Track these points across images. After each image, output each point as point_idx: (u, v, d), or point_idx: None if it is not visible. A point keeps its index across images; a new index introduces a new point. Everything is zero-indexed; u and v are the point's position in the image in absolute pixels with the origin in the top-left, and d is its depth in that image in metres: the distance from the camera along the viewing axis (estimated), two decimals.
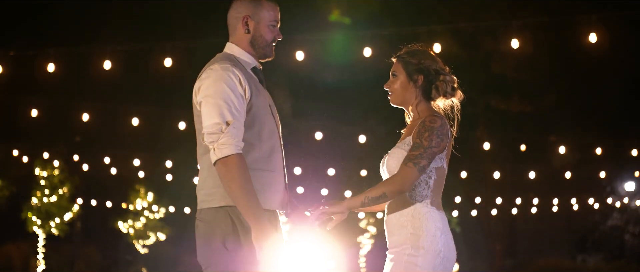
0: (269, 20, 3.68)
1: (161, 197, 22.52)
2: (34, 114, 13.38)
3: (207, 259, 3.52)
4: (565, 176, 20.16)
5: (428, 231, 3.56)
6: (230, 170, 3.38)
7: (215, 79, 3.48)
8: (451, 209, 23.21)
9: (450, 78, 3.76)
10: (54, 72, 10.76)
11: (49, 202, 19.46)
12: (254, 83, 3.59)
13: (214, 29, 19.85)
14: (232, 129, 3.40)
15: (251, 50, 3.69)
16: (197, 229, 3.59)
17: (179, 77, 14.41)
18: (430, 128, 3.55)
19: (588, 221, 25.54)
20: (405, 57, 3.74)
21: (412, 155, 3.52)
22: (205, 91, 3.48)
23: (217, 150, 3.40)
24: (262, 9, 3.67)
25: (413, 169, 3.50)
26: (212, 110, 3.43)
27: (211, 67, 3.55)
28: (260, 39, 3.68)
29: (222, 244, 3.47)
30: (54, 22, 20.24)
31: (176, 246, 22.87)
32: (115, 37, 18.39)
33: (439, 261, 3.55)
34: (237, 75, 3.50)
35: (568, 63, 19.89)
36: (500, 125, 21.89)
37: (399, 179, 3.50)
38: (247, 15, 3.67)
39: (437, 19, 19.31)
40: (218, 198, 3.49)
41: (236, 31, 3.72)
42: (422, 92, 3.73)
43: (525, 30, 10.51)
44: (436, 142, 3.55)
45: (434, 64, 3.72)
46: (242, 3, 3.70)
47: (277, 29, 3.72)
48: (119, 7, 20.54)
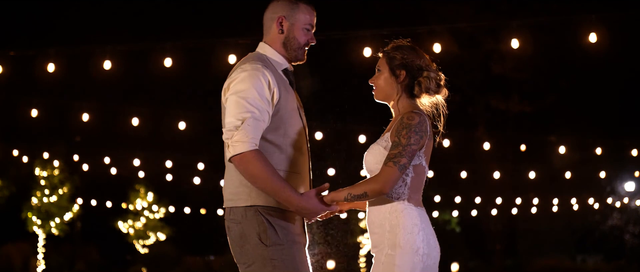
0: (304, 23, 3.67)
1: (161, 197, 22.52)
2: (34, 114, 13.37)
3: (247, 257, 3.52)
4: (565, 176, 20.16)
5: (405, 228, 3.50)
6: (248, 167, 3.39)
7: (243, 79, 3.47)
8: (451, 209, 23.22)
9: (435, 75, 3.66)
10: (54, 72, 10.76)
11: (49, 202, 19.46)
12: (283, 85, 3.58)
13: (215, 29, 19.87)
14: (246, 125, 3.39)
15: (283, 51, 3.67)
16: (229, 231, 3.59)
17: (179, 77, 14.44)
18: (408, 125, 3.48)
19: (588, 221, 25.53)
20: (389, 51, 3.68)
21: (392, 154, 3.46)
22: (232, 89, 3.47)
23: (231, 147, 3.41)
24: (299, 11, 3.66)
25: (394, 169, 3.44)
26: (233, 109, 3.43)
27: (242, 67, 3.52)
28: (294, 40, 3.67)
29: (258, 240, 3.48)
30: (54, 22, 20.24)
31: (176, 246, 22.87)
32: (115, 37, 18.40)
33: (419, 259, 3.49)
34: (267, 77, 3.48)
35: (568, 63, 19.90)
36: (500, 125, 21.90)
37: (380, 179, 3.45)
38: (283, 16, 3.65)
39: (437, 19, 19.31)
40: (244, 197, 3.51)
41: (270, 31, 3.69)
42: (405, 88, 3.66)
43: (525, 30, 10.50)
44: (415, 139, 3.47)
45: (418, 60, 3.64)
46: (279, 4, 3.68)
47: (311, 33, 3.71)
48: (119, 7, 20.54)
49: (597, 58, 16.97)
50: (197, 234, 23.26)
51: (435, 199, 21.64)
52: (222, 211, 3.79)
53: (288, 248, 3.50)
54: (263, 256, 3.47)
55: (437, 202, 21.93)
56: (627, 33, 16.19)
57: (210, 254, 23.72)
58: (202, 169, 18.94)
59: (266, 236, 3.48)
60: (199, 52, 13.03)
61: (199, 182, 19.40)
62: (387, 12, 19.77)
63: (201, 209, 23.21)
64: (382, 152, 3.56)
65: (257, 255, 3.48)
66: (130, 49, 12.01)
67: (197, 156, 18.89)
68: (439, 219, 23.95)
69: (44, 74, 10.89)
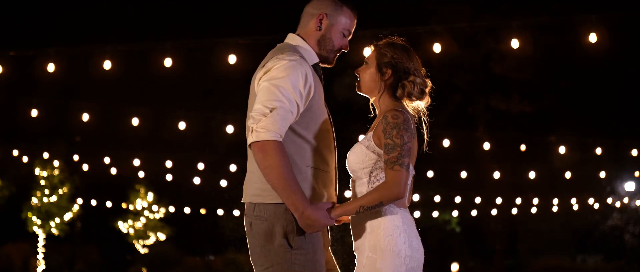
0: (343, 27, 3.60)
1: (161, 197, 22.52)
2: (34, 114, 13.36)
3: (266, 258, 3.37)
4: (565, 176, 20.15)
5: (386, 230, 3.40)
6: (266, 157, 3.23)
7: (280, 68, 3.35)
8: (451, 209, 23.21)
9: (421, 81, 3.57)
10: (54, 72, 10.75)
11: (49, 202, 19.45)
12: (316, 80, 3.49)
13: (215, 29, 19.87)
14: (275, 114, 3.26)
15: (316, 48, 3.58)
16: (252, 227, 3.42)
17: (179, 77, 14.43)
18: (397, 125, 3.39)
19: (588, 221, 25.53)
20: (381, 47, 3.60)
21: (393, 157, 3.35)
22: (267, 76, 3.36)
23: (254, 132, 3.25)
24: (342, 13, 3.59)
25: (401, 171, 3.34)
26: (265, 95, 3.30)
27: (279, 57, 3.41)
28: (329, 41, 3.59)
29: (284, 241, 3.34)
30: (54, 22, 20.25)
31: (176, 246, 22.87)
32: (115, 37, 18.41)
33: (401, 261, 3.37)
34: (304, 71, 3.38)
35: (568, 63, 19.90)
36: (500, 125, 21.89)
37: (393, 184, 3.34)
38: (325, 14, 3.57)
39: (437, 19, 19.31)
40: (274, 193, 3.33)
41: (307, 26, 3.60)
42: (388, 87, 3.57)
43: (525, 30, 10.49)
44: (408, 136, 3.39)
45: (407, 62, 3.55)
46: (324, 2, 3.59)
47: (346, 39, 3.64)
48: (119, 7, 20.54)
49: (597, 58, 16.95)
50: (197, 234, 23.25)
51: (435, 199, 21.64)
52: (239, 209, 3.56)
53: (312, 254, 3.37)
54: (285, 259, 3.33)
55: (437, 202, 21.92)
56: (627, 33, 16.18)
57: (210, 254, 23.72)
58: (202, 169, 18.93)
59: (293, 237, 3.33)
60: (199, 52, 13.02)
61: (199, 182, 19.39)
62: (387, 12, 19.77)
63: (201, 209, 23.20)
64: (364, 152, 3.47)
65: (278, 257, 3.34)
66: (130, 49, 12.00)
67: (197, 156, 18.89)
68: (439, 219, 23.95)
69: (44, 74, 10.88)
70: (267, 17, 20.30)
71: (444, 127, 17.26)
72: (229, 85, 17.84)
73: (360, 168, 3.49)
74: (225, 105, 17.68)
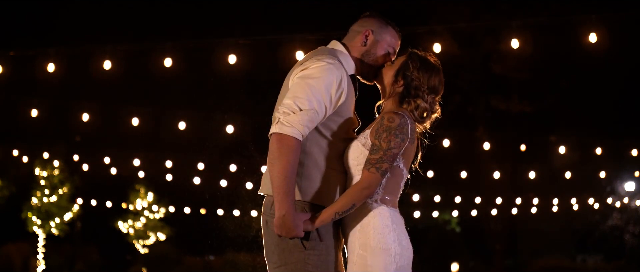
0: (388, 44, 3.67)
1: (161, 197, 22.52)
2: (34, 114, 13.37)
3: (280, 257, 3.41)
4: (565, 176, 20.16)
5: (375, 228, 3.45)
6: (280, 151, 3.26)
7: (316, 68, 3.40)
8: (451, 209, 23.21)
9: (425, 106, 3.58)
10: (54, 72, 10.75)
11: (49, 202, 19.46)
12: (350, 87, 3.53)
13: (215, 29, 19.86)
14: (304, 114, 3.30)
15: (358, 62, 3.64)
16: (267, 224, 3.46)
17: (179, 77, 14.42)
18: (388, 128, 3.42)
19: (588, 221, 25.53)
20: (411, 56, 3.63)
21: (373, 159, 3.41)
22: (303, 73, 3.41)
23: (279, 123, 3.30)
24: (387, 32, 3.68)
25: (376, 175, 3.40)
26: (297, 92, 3.35)
27: (318, 57, 3.46)
28: (373, 56, 3.64)
29: (299, 241, 3.37)
30: (54, 22, 20.25)
31: (176, 246, 22.87)
32: (115, 37, 18.40)
33: (391, 259, 3.43)
34: (340, 75, 3.43)
35: (568, 63, 19.89)
36: (500, 125, 21.89)
37: (364, 186, 3.40)
38: (371, 30, 3.65)
39: (437, 19, 19.31)
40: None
41: (353, 40, 3.67)
42: (396, 94, 3.62)
43: (525, 30, 10.48)
44: (395, 143, 3.41)
45: (423, 83, 3.57)
46: (370, 20, 3.70)
47: (390, 57, 3.68)
48: (119, 7, 20.54)
49: (597, 58, 16.94)
50: (197, 234, 23.26)
51: (435, 199, 21.64)
52: (257, 206, 3.60)
53: (325, 255, 3.41)
54: (298, 258, 3.37)
55: (437, 202, 21.93)
56: (627, 33, 16.17)
57: (210, 254, 23.71)
58: (202, 169, 18.93)
59: (308, 237, 3.37)
60: (199, 52, 13.02)
61: (199, 182, 19.39)
62: (387, 12, 19.70)
63: (201, 209, 23.20)
64: (360, 149, 3.50)
65: (292, 256, 3.38)
66: (130, 49, 12.01)
67: (197, 156, 18.88)
68: (439, 219, 23.95)
69: (44, 74, 10.88)
70: (267, 17, 20.31)
71: (444, 127, 17.25)
72: (229, 86, 17.85)
73: (354, 165, 3.52)
74: (225, 105, 17.69)
